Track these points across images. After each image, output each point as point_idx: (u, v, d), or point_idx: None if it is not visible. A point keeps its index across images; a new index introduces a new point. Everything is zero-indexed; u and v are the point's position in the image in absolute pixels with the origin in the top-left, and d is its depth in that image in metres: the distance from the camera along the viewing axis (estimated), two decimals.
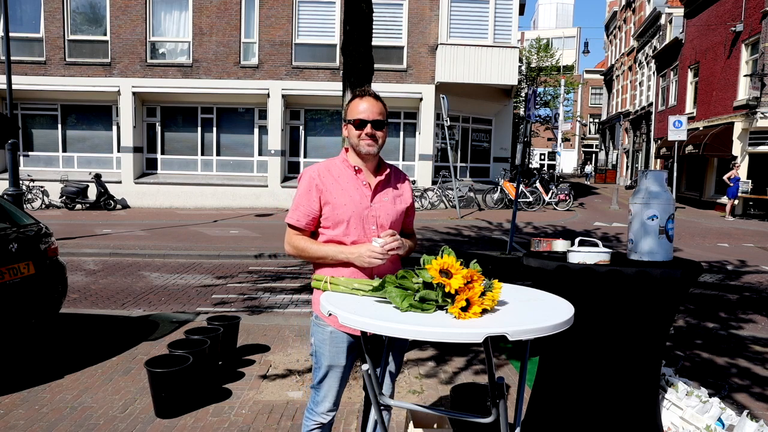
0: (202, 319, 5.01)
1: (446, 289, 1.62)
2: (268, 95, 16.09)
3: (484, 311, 1.62)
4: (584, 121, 50.03)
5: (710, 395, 2.97)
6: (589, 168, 38.28)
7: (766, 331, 5.35)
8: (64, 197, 15.29)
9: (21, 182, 12.49)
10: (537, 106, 18.47)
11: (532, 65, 31.10)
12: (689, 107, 22.09)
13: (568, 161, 51.65)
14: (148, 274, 7.60)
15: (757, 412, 3.41)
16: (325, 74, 16.09)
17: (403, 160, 17.14)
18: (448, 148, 15.28)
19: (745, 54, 17.28)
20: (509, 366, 4.19)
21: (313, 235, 2.18)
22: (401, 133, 17.09)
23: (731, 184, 15.98)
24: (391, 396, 2.32)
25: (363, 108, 2.10)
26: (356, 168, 2.15)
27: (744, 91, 17.08)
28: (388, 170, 2.22)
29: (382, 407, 2.27)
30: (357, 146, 2.12)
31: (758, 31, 16.21)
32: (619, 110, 35.37)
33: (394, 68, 16.21)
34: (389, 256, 2.04)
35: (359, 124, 2.09)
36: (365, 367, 1.88)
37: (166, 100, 16.66)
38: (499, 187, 17.08)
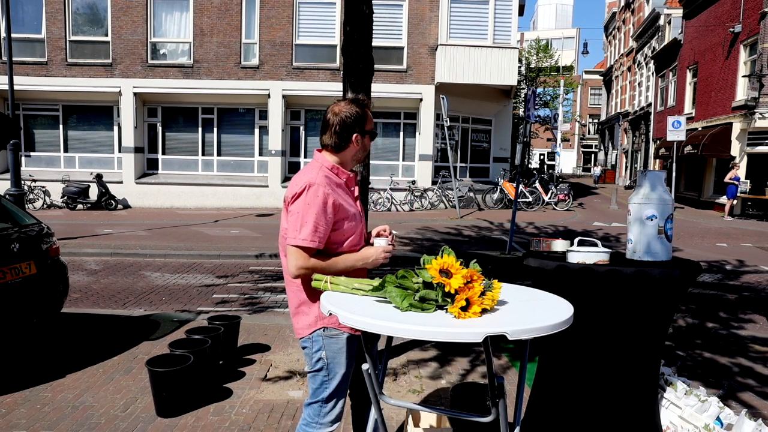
0: (203, 319, 5.03)
1: (446, 289, 1.64)
2: (269, 96, 16.10)
3: (484, 311, 1.64)
4: (583, 122, 50.04)
5: (710, 394, 2.98)
6: (597, 170, 37.03)
7: (765, 330, 5.37)
8: (65, 197, 15.30)
9: (22, 182, 12.49)
10: (536, 107, 18.51)
11: (532, 66, 31.10)
12: (688, 108, 22.11)
13: (567, 161, 51.62)
14: (149, 274, 7.61)
15: (757, 411, 3.42)
16: (326, 75, 16.11)
17: (403, 160, 17.15)
18: (448, 148, 15.29)
19: (743, 55, 17.29)
20: (512, 369, 4.21)
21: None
22: (401, 134, 17.10)
23: (736, 183, 15.98)
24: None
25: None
26: (349, 176, 2.14)
27: (742, 91, 17.10)
28: (355, 173, 2.23)
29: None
30: (357, 158, 2.13)
31: (757, 32, 16.22)
32: (618, 111, 35.36)
33: (394, 69, 16.22)
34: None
35: (372, 135, 2.11)
36: (365, 366, 1.89)
37: (167, 101, 16.67)
38: (498, 187, 17.09)
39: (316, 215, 1.93)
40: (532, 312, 1.73)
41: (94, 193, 15.60)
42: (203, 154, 16.95)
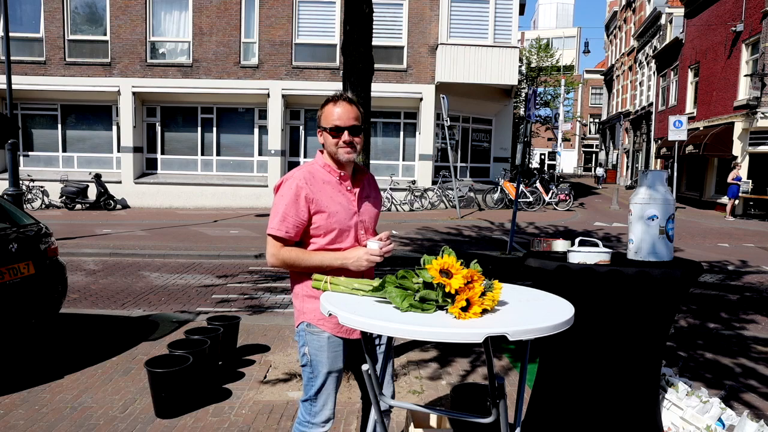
0: (202, 319, 5.01)
1: (446, 289, 1.62)
2: (268, 95, 16.09)
3: (485, 311, 1.62)
4: (584, 121, 50.04)
5: (712, 395, 2.96)
6: (600, 170, 35.65)
7: (767, 331, 5.35)
8: (64, 197, 15.29)
9: (21, 182, 12.48)
10: (537, 106, 18.49)
11: (532, 65, 31.08)
12: (689, 107, 22.09)
13: (568, 161, 51.60)
14: (148, 274, 7.60)
15: (759, 412, 3.41)
16: (325, 74, 16.09)
17: (403, 160, 17.13)
18: (448, 148, 15.28)
19: (745, 54, 17.27)
20: (513, 370, 4.19)
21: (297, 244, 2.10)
22: (401, 133, 17.09)
23: (738, 183, 15.97)
24: (392, 397, 2.32)
25: (338, 114, 2.04)
26: (341, 174, 2.10)
27: (744, 91, 17.08)
28: (361, 173, 2.20)
29: (382, 409, 2.28)
30: (335, 154, 2.07)
31: (758, 31, 16.20)
32: (620, 110, 35.35)
33: (394, 68, 16.20)
34: (382, 259, 2.04)
35: (335, 132, 2.04)
36: (365, 367, 1.88)
37: (166, 100, 16.65)
38: (499, 187, 17.08)
39: (285, 206, 2.01)
40: (533, 312, 1.72)
41: (92, 193, 15.58)
42: (202, 154, 16.93)
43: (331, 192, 2.07)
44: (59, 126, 16.81)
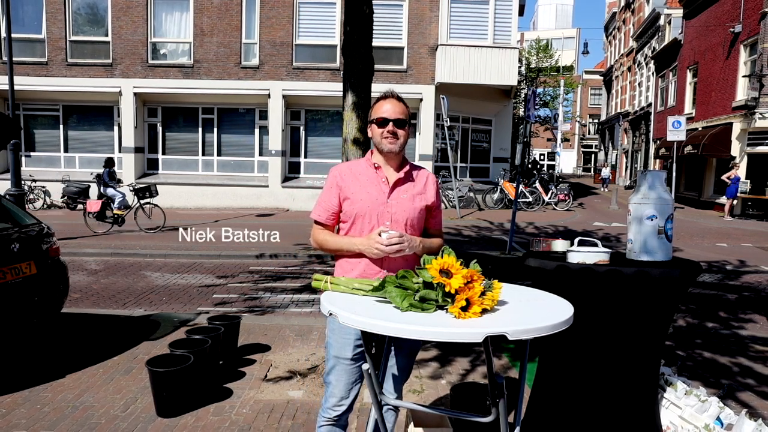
0: (203, 319, 5.02)
1: (446, 289, 1.64)
2: (269, 96, 16.10)
3: (484, 311, 1.64)
4: (583, 122, 50.05)
5: (710, 394, 2.98)
6: (605, 171, 32.83)
7: (765, 330, 5.37)
8: (65, 197, 15.29)
9: (23, 182, 12.48)
10: (536, 107, 18.49)
11: (532, 66, 31.08)
12: (688, 108, 22.11)
13: (567, 161, 51.57)
14: (149, 274, 7.61)
15: (757, 411, 3.42)
16: (326, 75, 16.11)
17: None
18: (448, 148, 15.29)
19: (743, 55, 17.29)
20: (512, 369, 4.21)
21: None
22: None
23: (728, 182, 16.00)
24: (399, 398, 2.34)
25: (386, 108, 2.21)
26: (376, 165, 2.22)
27: (743, 91, 17.10)
28: (408, 168, 2.26)
29: (389, 408, 2.30)
30: (379, 144, 2.20)
31: (757, 32, 16.22)
32: (619, 111, 35.35)
33: (395, 69, 16.22)
34: (392, 250, 2.06)
35: (381, 123, 2.19)
36: (365, 366, 1.90)
37: (167, 101, 16.67)
38: (498, 187, 17.10)
39: (322, 193, 2.27)
40: (532, 312, 1.73)
41: (94, 193, 15.55)
42: (203, 154, 16.95)
43: (363, 182, 2.21)
44: (61, 126, 16.83)
